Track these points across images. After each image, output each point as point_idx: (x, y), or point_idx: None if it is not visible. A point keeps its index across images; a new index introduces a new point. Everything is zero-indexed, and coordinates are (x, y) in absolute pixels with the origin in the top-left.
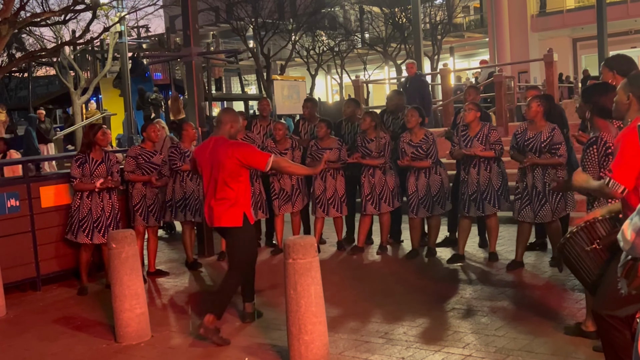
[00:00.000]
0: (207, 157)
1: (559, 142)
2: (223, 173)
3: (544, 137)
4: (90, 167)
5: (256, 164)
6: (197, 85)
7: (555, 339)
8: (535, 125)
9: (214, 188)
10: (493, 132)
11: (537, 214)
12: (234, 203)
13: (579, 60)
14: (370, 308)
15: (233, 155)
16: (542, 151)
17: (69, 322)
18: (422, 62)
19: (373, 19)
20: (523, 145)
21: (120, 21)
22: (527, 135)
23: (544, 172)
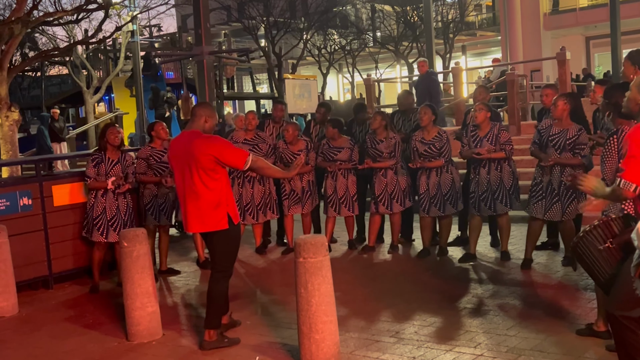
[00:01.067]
0: (180, 154)
1: (584, 143)
2: (199, 171)
3: (570, 134)
4: (105, 166)
5: (234, 162)
6: (208, 84)
7: (567, 339)
8: (561, 123)
9: (191, 189)
10: (503, 133)
11: (546, 211)
12: (216, 205)
13: (592, 59)
14: (381, 307)
15: (207, 151)
16: (566, 149)
17: (81, 320)
18: (434, 60)
19: (385, 18)
20: (547, 140)
21: (133, 20)
22: (552, 130)
23: (562, 171)
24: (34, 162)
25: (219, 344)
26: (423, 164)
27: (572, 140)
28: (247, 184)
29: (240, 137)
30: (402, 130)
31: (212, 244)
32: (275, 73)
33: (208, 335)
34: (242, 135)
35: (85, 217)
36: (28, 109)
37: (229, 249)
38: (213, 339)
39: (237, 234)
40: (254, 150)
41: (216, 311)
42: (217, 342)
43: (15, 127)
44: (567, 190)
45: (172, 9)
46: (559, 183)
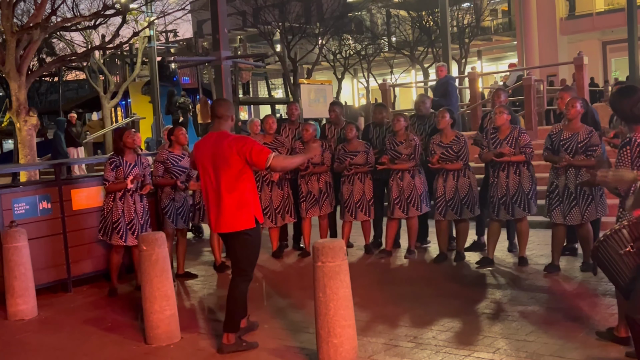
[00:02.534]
0: (208, 155)
1: (596, 145)
2: (227, 172)
3: (581, 137)
4: (124, 170)
5: (258, 161)
6: (225, 88)
7: (586, 345)
8: (571, 127)
9: (218, 189)
10: (523, 136)
11: (566, 216)
12: (243, 205)
13: (608, 64)
14: (399, 312)
15: (240, 150)
16: (578, 152)
17: (100, 323)
18: (449, 65)
19: (400, 23)
20: (558, 145)
21: (150, 26)
22: (563, 135)
23: (577, 173)
24: (53, 166)
25: (238, 348)
26: (443, 164)
27: (583, 143)
28: (265, 187)
29: (260, 140)
30: (419, 134)
31: (234, 247)
32: (290, 78)
33: (227, 338)
34: (260, 139)
35: (102, 221)
36: (46, 114)
37: (250, 252)
38: (231, 343)
39: (259, 237)
40: None
41: (235, 315)
42: (235, 345)
43: (33, 131)
44: (584, 193)
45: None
46: (575, 186)
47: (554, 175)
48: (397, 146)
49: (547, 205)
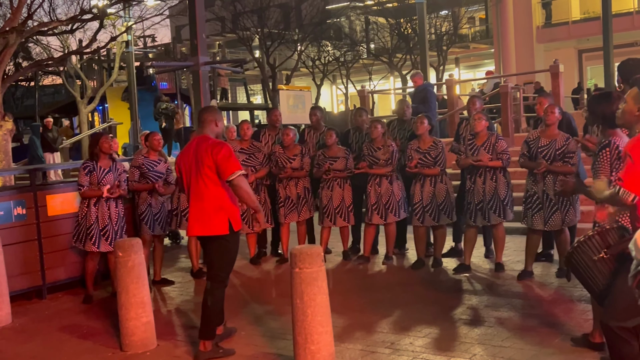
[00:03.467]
0: (188, 158)
1: (573, 152)
2: (202, 175)
3: (558, 144)
4: (98, 175)
5: (224, 170)
6: (203, 94)
7: (562, 350)
8: (549, 133)
9: (195, 191)
10: (500, 142)
11: (547, 222)
12: (217, 209)
13: (584, 72)
14: (377, 318)
15: (211, 157)
16: (556, 159)
17: (75, 331)
18: (427, 72)
19: (379, 30)
20: (536, 152)
21: (127, 31)
22: (540, 142)
23: (555, 179)
24: (28, 172)
25: (214, 355)
26: (421, 169)
27: (561, 150)
28: None
29: (236, 146)
30: (398, 139)
31: (210, 251)
32: (269, 84)
33: (203, 345)
34: (237, 144)
35: (76, 227)
36: (21, 119)
37: (226, 258)
38: (208, 350)
39: (236, 243)
40: (250, 159)
41: (211, 322)
42: (212, 352)
43: (9, 136)
44: (563, 199)
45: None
46: (554, 193)
47: (531, 182)
48: (375, 152)
49: (525, 212)
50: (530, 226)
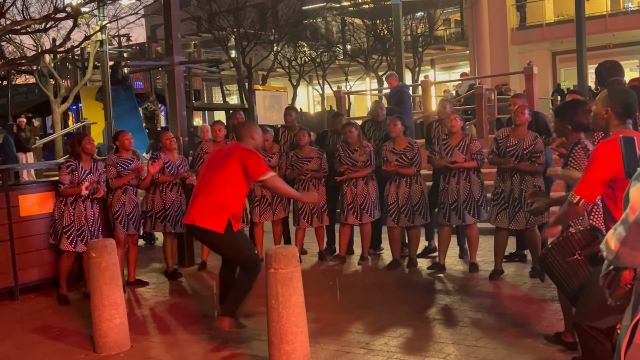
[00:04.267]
0: (218, 155)
1: (540, 151)
2: (223, 171)
3: (526, 144)
4: (79, 175)
5: (253, 170)
6: (178, 94)
7: (535, 350)
8: (518, 133)
9: (208, 184)
10: (475, 142)
11: (511, 220)
12: (222, 206)
13: (558, 74)
14: (352, 318)
15: (241, 158)
16: (524, 158)
17: (47, 332)
18: (403, 74)
19: (355, 31)
20: (505, 151)
21: (102, 30)
22: (509, 141)
23: (522, 179)
24: (0, 172)
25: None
26: (397, 168)
27: (529, 149)
28: None
29: (210, 148)
30: (373, 140)
31: (210, 245)
32: (245, 84)
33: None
34: (210, 146)
35: (52, 225)
36: None
37: (235, 243)
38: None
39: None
40: None
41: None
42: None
43: None
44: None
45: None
46: (520, 191)
47: (499, 180)
48: (352, 154)
49: (492, 210)
50: (495, 224)
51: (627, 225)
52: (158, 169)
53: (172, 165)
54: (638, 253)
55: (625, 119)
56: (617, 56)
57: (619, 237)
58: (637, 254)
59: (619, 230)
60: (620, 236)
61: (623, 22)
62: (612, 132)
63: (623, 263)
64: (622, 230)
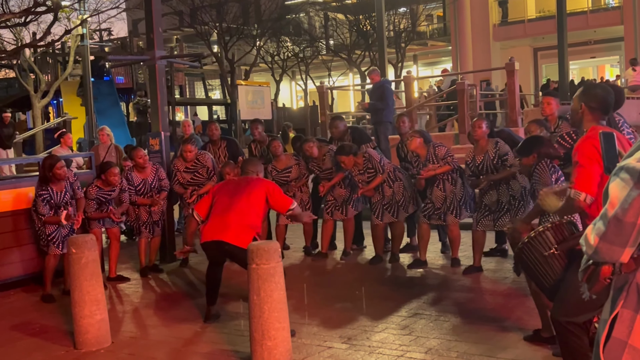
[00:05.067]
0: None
1: (505, 152)
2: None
3: (491, 155)
4: (56, 199)
5: (280, 205)
6: (160, 89)
7: (515, 344)
8: (480, 148)
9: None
10: (438, 148)
11: (496, 223)
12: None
13: (539, 70)
14: (334, 313)
15: (267, 190)
16: (497, 168)
17: (27, 329)
18: (386, 69)
19: (337, 26)
20: (477, 172)
21: (82, 24)
22: (476, 161)
23: (508, 185)
24: None
25: None
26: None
27: (495, 158)
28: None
29: (181, 166)
30: None
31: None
32: (228, 79)
33: None
34: (182, 164)
35: (38, 232)
36: None
37: None
38: None
39: None
40: (195, 177)
41: None
42: None
43: None
44: (516, 202)
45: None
46: (508, 196)
47: (484, 195)
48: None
49: (476, 216)
50: (479, 228)
51: (607, 221)
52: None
53: (145, 185)
54: (617, 248)
55: (599, 115)
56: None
57: (599, 232)
58: (616, 249)
59: (598, 225)
60: (600, 231)
61: (604, 18)
62: (586, 127)
63: (602, 258)
64: (602, 225)
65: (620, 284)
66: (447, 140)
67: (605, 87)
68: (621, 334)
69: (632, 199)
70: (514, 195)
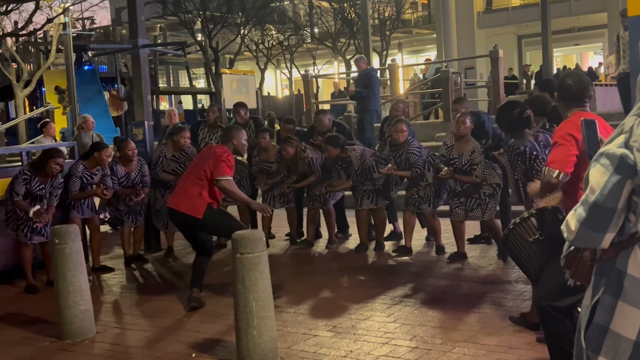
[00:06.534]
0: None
1: (476, 163)
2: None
3: (464, 160)
4: (31, 187)
5: (215, 173)
6: (143, 78)
7: (500, 330)
8: (460, 146)
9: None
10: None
11: (468, 214)
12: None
13: (523, 57)
14: (319, 302)
15: (213, 157)
16: (465, 172)
17: (10, 320)
18: (370, 57)
19: (322, 14)
20: (447, 162)
21: (65, 12)
22: (452, 153)
23: None
24: None
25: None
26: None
27: (467, 165)
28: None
29: (169, 153)
30: None
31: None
32: (212, 68)
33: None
34: (171, 151)
35: (9, 216)
36: None
37: (219, 222)
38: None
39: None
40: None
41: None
42: None
43: None
44: (487, 198)
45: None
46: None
47: (454, 182)
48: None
49: (450, 206)
50: (453, 218)
51: (587, 206)
52: None
53: (127, 180)
54: (597, 234)
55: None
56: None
57: (579, 217)
58: (597, 235)
59: (579, 211)
60: (580, 217)
61: (587, 6)
62: (570, 114)
63: (583, 243)
64: (582, 211)
65: (601, 270)
66: (431, 129)
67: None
68: (602, 319)
69: (612, 185)
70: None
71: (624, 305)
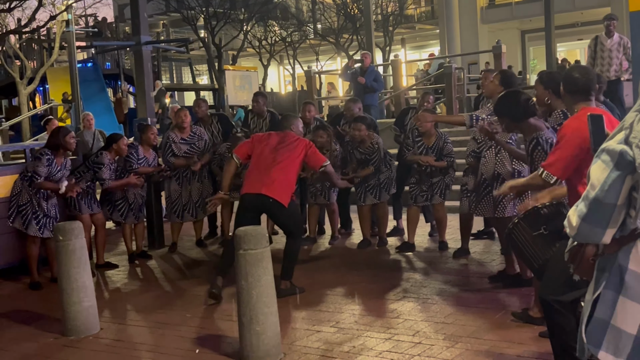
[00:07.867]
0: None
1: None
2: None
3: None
4: (52, 170)
5: (315, 158)
6: (146, 75)
7: (502, 326)
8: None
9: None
10: (447, 146)
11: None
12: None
13: (527, 52)
14: (322, 298)
15: (305, 147)
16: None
17: (15, 317)
18: (373, 53)
19: (325, 10)
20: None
21: (67, 9)
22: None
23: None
24: None
25: (292, 291)
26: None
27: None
28: (185, 182)
29: (176, 137)
30: None
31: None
32: (215, 64)
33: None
34: (178, 134)
35: (17, 209)
36: None
37: (296, 212)
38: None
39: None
40: (192, 149)
41: (293, 266)
42: (290, 289)
43: None
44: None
45: None
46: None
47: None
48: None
49: (461, 198)
50: (460, 211)
51: (588, 202)
52: None
53: (146, 163)
54: (598, 229)
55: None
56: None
57: (580, 213)
58: (598, 230)
59: (581, 206)
60: (581, 212)
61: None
62: (577, 109)
63: (584, 239)
64: (583, 207)
65: (603, 265)
66: None
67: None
68: (603, 314)
69: (612, 181)
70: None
71: (625, 300)
